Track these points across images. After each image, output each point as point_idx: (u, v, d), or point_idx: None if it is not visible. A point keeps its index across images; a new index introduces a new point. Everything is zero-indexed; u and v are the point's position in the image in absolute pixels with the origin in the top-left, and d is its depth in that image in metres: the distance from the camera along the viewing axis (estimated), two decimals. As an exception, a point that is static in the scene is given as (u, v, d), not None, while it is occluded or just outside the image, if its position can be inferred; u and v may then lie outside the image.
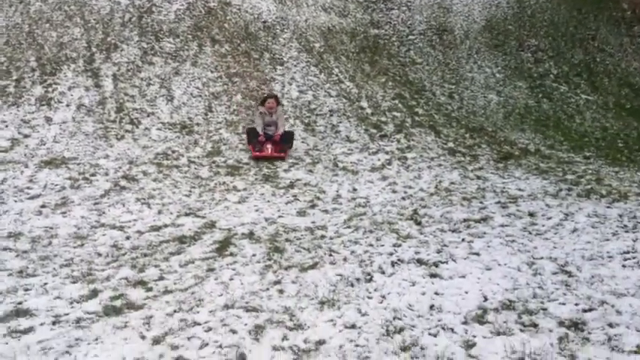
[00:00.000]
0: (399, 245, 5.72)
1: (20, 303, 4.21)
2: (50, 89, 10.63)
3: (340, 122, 11.26)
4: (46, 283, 4.57)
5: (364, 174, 8.67)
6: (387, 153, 9.84)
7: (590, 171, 9.11)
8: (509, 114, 13.07)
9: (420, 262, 5.25)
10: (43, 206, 6.52)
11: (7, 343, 3.65)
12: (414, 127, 11.41)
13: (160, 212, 6.62)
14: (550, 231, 6.13)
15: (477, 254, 5.45)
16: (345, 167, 9.01)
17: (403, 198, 7.54)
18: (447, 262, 5.24)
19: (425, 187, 8.08)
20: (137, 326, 3.93)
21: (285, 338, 3.85)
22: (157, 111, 10.68)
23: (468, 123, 12.09)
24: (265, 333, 3.89)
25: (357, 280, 4.85)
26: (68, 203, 6.68)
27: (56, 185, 7.23)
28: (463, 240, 5.87)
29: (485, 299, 4.47)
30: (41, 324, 3.92)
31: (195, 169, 8.43)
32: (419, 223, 6.45)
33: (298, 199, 7.38)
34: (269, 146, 9.29)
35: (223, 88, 11.98)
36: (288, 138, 9.65)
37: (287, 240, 5.90)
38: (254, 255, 5.40)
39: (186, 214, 6.61)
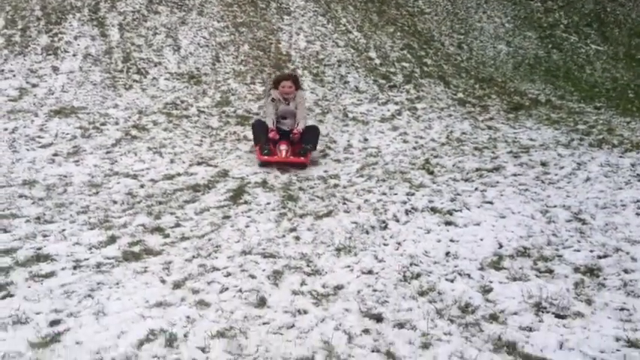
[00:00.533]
0: (413, 194, 5.73)
1: (40, 248, 4.24)
2: (56, 38, 10.52)
3: (349, 73, 11.16)
4: (64, 230, 4.61)
5: (374, 124, 8.63)
6: (396, 103, 9.77)
7: (601, 121, 9.06)
8: (519, 64, 12.93)
9: (434, 210, 5.28)
10: (55, 155, 6.52)
11: (29, 287, 3.70)
12: (423, 78, 11.31)
13: (172, 161, 6.62)
14: (563, 180, 6.13)
15: (491, 203, 5.47)
16: (355, 117, 8.96)
17: (414, 148, 7.53)
18: (460, 211, 5.26)
19: (436, 137, 8.06)
20: (157, 271, 3.97)
21: (303, 283, 3.89)
22: (164, 61, 10.58)
23: (477, 73, 11.97)
24: (284, 278, 3.93)
25: (372, 227, 4.87)
26: (80, 152, 6.68)
27: (67, 134, 7.22)
28: (476, 189, 5.88)
29: (501, 246, 4.50)
30: (62, 268, 3.96)
31: (205, 119, 8.40)
32: (431, 173, 6.45)
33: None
34: (283, 148, 6.75)
35: (230, 38, 11.84)
36: (311, 136, 6.93)
37: (300, 189, 5.91)
38: (268, 203, 5.42)
39: (199, 163, 6.62)
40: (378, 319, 3.48)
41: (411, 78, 11.18)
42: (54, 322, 3.30)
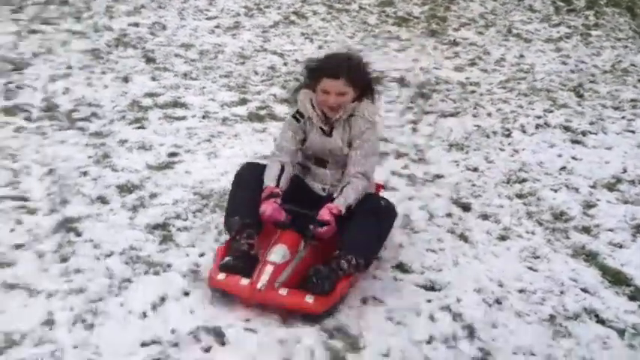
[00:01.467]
0: (551, 111, 5.49)
1: (179, 97, 4.71)
2: None
3: (527, -10, 10.56)
4: (204, 87, 5.04)
5: (537, 43, 8.17)
6: (569, 27, 9.14)
7: None
8: None
9: (567, 129, 5.06)
10: (216, 27, 6.97)
11: (161, 124, 4.16)
12: (608, 6, 10.39)
13: (320, 47, 6.81)
14: None
15: (633, 132, 5.12)
16: (519, 34, 8.53)
17: (572, 71, 7.08)
18: (596, 134, 5.00)
19: (600, 64, 7.49)
20: (274, 132, 4.26)
21: (405, 167, 4.01)
22: (339, -44, 10.68)
23: (675, 8, 10.78)
24: (387, 159, 4.06)
25: (494, 133, 4.81)
26: (239, 27, 7.08)
27: (232, 11, 7.65)
28: (623, 117, 5.50)
29: (624, 171, 4.28)
30: (193, 116, 4.39)
31: (364, 15, 8.44)
32: (580, 96, 6.09)
33: (459, 57, 7.18)
34: (274, 258, 2.49)
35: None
36: (367, 232, 2.58)
37: (435, 90, 5.86)
38: (398, 96, 5.49)
39: (345, 53, 6.76)
40: (465, 207, 3.53)
41: (594, 4, 10.33)
42: (172, 154, 3.74)
